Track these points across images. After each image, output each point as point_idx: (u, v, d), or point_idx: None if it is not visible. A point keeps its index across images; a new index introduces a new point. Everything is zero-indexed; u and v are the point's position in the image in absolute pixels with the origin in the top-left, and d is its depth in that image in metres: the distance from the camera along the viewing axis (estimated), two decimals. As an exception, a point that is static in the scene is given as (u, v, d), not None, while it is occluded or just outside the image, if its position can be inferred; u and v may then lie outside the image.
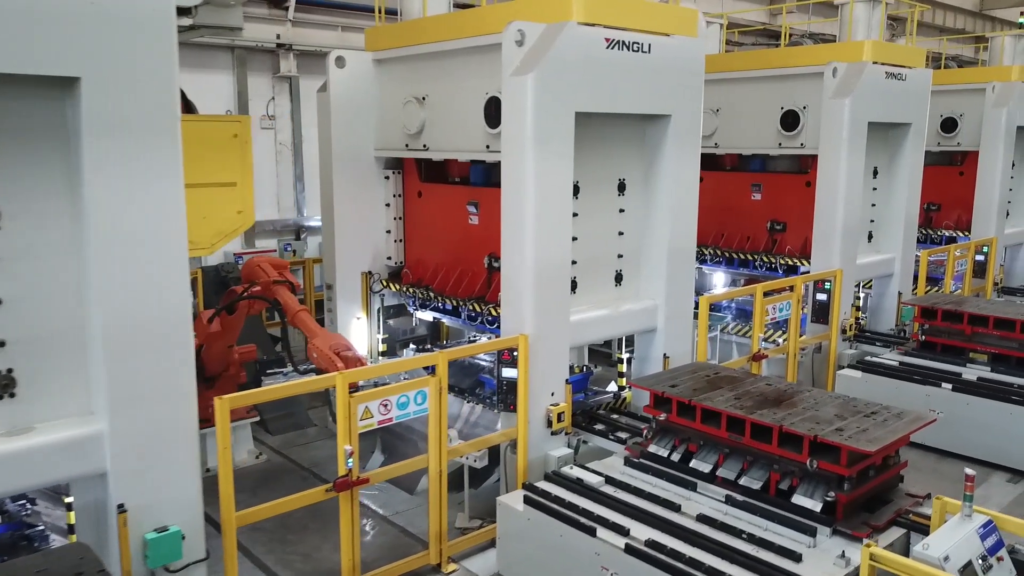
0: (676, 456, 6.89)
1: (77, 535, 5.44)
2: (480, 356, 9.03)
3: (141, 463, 5.18)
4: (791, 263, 11.75)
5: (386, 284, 9.87)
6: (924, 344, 10.70)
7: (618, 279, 8.69)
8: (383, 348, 10.04)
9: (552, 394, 7.67)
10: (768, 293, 9.82)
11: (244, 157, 6.12)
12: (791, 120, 11.60)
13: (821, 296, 11.01)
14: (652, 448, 7.06)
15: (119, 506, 5.10)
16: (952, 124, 15.24)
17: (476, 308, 8.62)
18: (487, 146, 8.27)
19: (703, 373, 7.65)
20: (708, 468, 6.62)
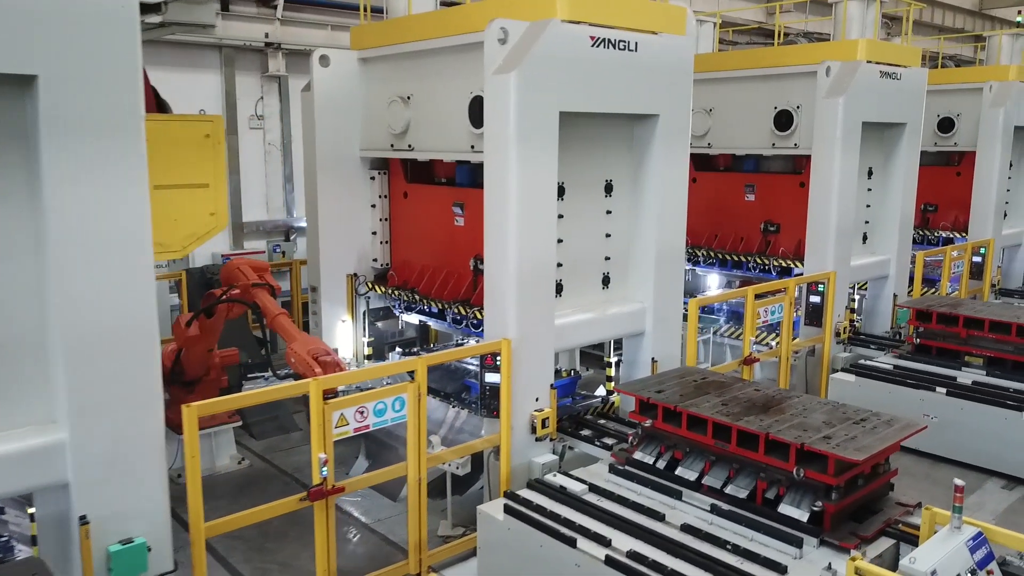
0: (662, 464, 6.74)
1: (40, 547, 5.28)
2: (467, 360, 8.87)
3: (105, 473, 5.05)
4: (785, 265, 11.60)
5: (371, 287, 9.72)
6: (919, 347, 10.54)
7: (605, 282, 8.53)
8: (369, 352, 9.90)
9: (536, 399, 7.51)
10: (760, 295, 9.67)
11: (216, 158, 5.96)
12: (785, 120, 11.44)
13: (815, 298, 10.85)
14: (638, 455, 6.91)
15: (81, 517, 4.97)
16: (949, 124, 15.09)
17: (461, 311, 8.47)
18: (472, 146, 8.12)
19: (691, 378, 7.49)
20: (694, 476, 6.47)
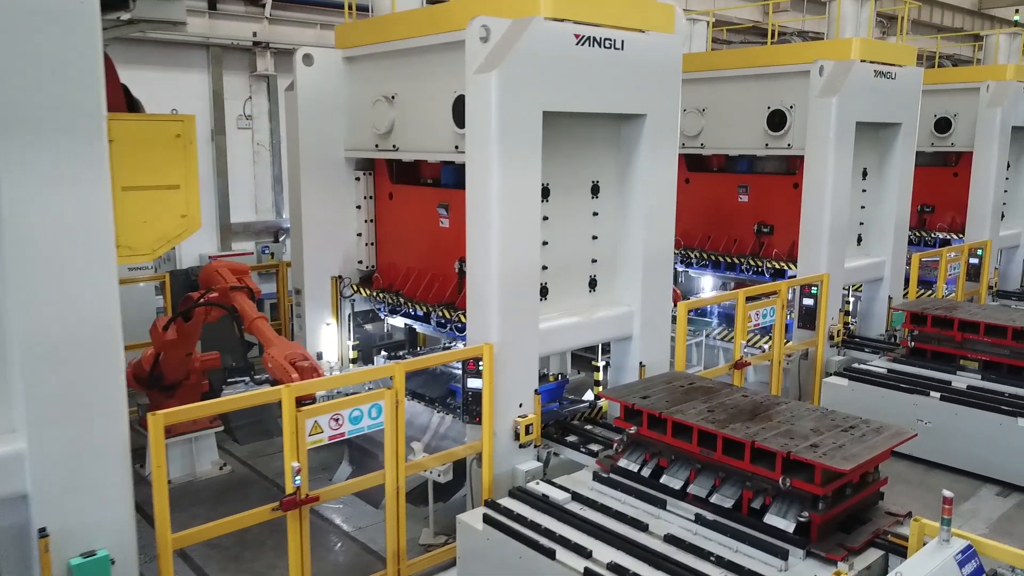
0: (647, 471, 6.58)
1: (0, 561, 5.13)
2: (452, 364, 8.71)
3: (65, 484, 4.88)
4: (778, 267, 11.44)
5: (356, 289, 9.56)
6: (913, 351, 10.36)
7: (592, 285, 8.37)
8: (355, 355, 9.74)
9: (520, 405, 7.35)
10: (752, 298, 9.50)
11: (188, 159, 5.78)
12: (778, 120, 11.28)
13: (808, 301, 10.68)
14: (622, 463, 6.74)
15: (40, 530, 4.81)
16: (946, 124, 14.93)
17: (446, 315, 8.31)
18: (456, 147, 7.97)
19: (678, 383, 7.33)
20: (679, 484, 6.31)
